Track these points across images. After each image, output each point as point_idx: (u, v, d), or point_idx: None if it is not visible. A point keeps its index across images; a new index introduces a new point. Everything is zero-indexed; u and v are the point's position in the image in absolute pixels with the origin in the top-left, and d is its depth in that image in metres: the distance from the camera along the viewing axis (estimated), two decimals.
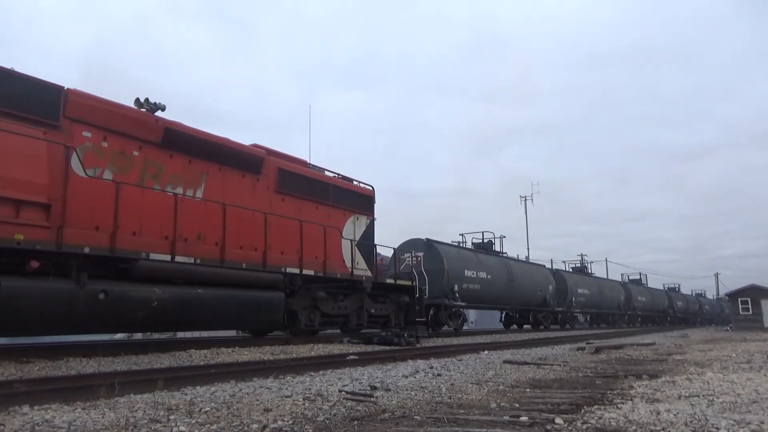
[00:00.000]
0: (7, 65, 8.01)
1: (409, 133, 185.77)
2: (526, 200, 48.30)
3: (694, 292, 65.41)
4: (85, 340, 11.83)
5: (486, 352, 11.51)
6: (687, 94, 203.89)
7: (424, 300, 16.49)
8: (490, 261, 23.63)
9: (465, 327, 24.66)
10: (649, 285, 51.61)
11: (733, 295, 42.24)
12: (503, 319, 28.31)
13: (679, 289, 58.74)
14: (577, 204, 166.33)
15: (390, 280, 15.69)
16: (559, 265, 38.00)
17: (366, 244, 14.95)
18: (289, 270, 12.00)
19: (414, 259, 18.73)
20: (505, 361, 9.31)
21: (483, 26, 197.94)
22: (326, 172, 14.35)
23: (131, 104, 9.88)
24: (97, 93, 9.51)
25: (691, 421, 3.87)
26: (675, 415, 4.14)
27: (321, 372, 7.30)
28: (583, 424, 3.90)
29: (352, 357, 8.90)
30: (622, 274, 49.11)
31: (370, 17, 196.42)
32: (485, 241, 25.84)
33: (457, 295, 20.05)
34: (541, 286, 27.51)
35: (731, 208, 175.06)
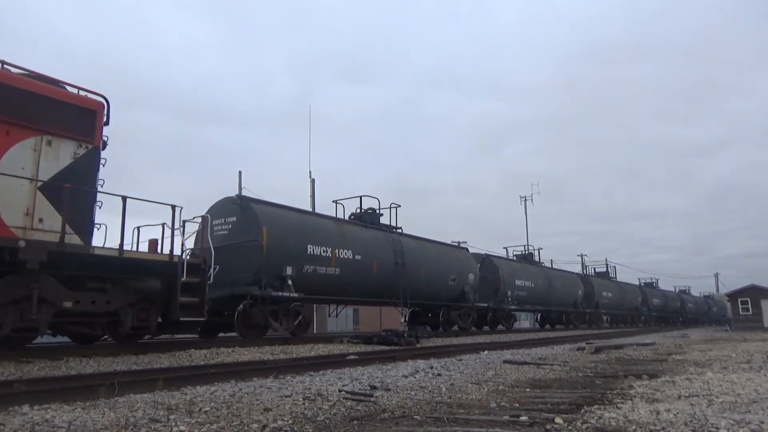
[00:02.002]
0: None
1: (411, 129, 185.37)
2: (525, 200, 48.27)
3: (676, 289, 59.89)
4: None
5: (486, 352, 11.51)
6: (696, 89, 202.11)
7: (207, 288, 10.17)
8: (363, 236, 16.57)
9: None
10: (631, 280, 47.63)
11: (733, 295, 42.26)
12: (407, 318, 20.91)
13: (657, 284, 53.15)
14: (582, 202, 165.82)
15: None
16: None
17: (65, 188, 8.50)
18: None
19: (222, 226, 13.15)
20: (505, 361, 9.31)
21: (486, 18, 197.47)
22: None
23: None
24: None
25: (690, 421, 3.88)
26: (675, 414, 4.15)
27: (321, 372, 7.31)
28: (583, 423, 3.90)
29: (352, 357, 8.91)
30: (589, 270, 43.29)
31: (370, 10, 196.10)
32: (365, 210, 18.27)
33: (289, 282, 13.20)
34: (457, 275, 20.62)
35: (737, 207, 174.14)
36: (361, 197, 18.21)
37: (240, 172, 28.22)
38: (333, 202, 17.62)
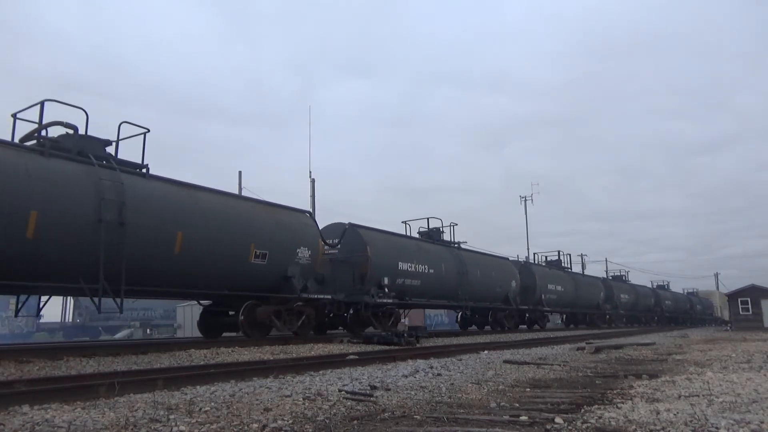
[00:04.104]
0: None
1: (412, 125, 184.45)
2: (526, 200, 48.23)
3: (655, 284, 53.25)
4: (85, 340, 11.84)
5: (486, 352, 11.51)
6: (702, 85, 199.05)
7: None
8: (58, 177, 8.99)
9: None
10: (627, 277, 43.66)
11: (733, 295, 42.25)
12: (200, 318, 14.01)
13: (627, 278, 45.62)
14: (584, 201, 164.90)
15: None
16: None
17: None
18: None
19: None
20: (505, 361, 9.31)
21: (490, 13, 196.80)
22: None
23: None
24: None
25: (690, 421, 3.87)
26: (675, 414, 4.15)
27: (321, 372, 7.31)
28: (583, 423, 3.90)
29: (352, 357, 8.91)
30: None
31: (371, 3, 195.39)
32: (46, 123, 9.75)
33: None
34: (269, 249, 12.79)
35: (739, 206, 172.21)
36: (43, 102, 9.57)
37: (240, 173, 28.08)
38: (12, 115, 9.63)
